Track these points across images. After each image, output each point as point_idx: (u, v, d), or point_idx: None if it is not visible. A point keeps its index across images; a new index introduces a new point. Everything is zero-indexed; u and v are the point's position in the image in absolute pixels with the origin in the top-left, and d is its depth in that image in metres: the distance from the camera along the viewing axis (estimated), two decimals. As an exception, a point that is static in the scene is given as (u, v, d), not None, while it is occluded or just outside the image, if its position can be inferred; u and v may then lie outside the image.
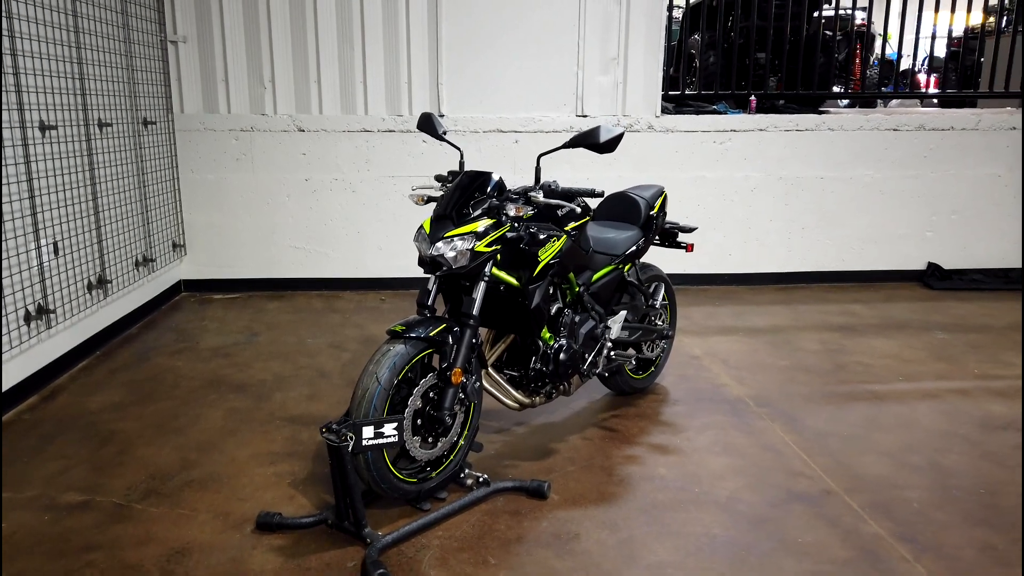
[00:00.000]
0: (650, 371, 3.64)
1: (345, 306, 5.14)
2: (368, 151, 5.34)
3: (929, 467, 2.90)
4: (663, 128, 5.46)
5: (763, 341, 4.42)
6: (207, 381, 3.77)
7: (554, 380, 2.89)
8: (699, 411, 3.42)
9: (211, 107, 5.24)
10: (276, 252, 5.44)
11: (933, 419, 3.35)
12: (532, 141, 5.36)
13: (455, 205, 2.54)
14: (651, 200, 3.41)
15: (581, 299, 3.01)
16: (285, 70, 5.22)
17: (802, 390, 3.68)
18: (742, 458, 2.98)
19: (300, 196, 5.38)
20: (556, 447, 3.05)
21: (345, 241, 5.46)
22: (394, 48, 5.22)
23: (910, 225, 5.76)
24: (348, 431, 2.26)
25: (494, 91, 5.32)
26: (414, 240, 2.60)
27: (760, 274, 5.75)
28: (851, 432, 3.21)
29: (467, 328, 2.53)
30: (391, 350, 2.39)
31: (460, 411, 2.59)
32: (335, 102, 5.28)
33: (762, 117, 5.55)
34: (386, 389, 2.34)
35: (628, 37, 5.33)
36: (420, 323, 2.47)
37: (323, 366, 3.98)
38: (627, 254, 3.24)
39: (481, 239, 2.50)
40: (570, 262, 2.86)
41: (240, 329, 4.62)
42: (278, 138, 5.29)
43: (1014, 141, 5.66)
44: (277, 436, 3.15)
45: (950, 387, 3.72)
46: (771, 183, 5.60)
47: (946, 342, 4.40)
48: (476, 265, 2.51)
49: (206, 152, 5.28)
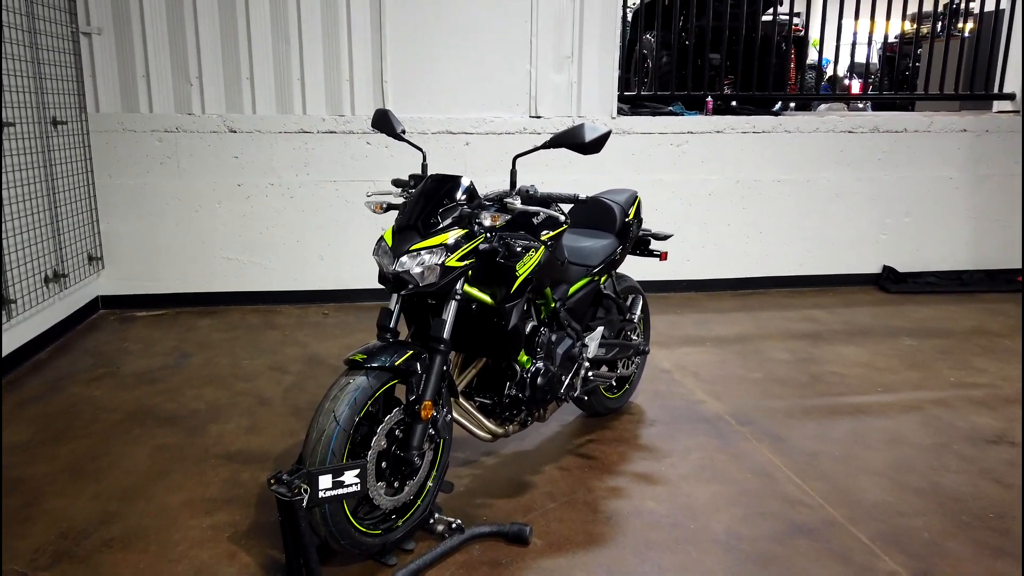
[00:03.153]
0: (624, 389, 3.38)
1: (285, 322, 4.74)
2: (307, 154, 4.94)
3: (930, 489, 2.72)
4: (619, 130, 5.24)
5: (732, 351, 4.23)
6: (130, 413, 3.33)
7: (530, 407, 2.60)
8: (679, 432, 3.18)
9: (131, 106, 4.76)
10: (207, 264, 4.99)
11: (920, 433, 3.19)
12: (484, 143, 5.07)
13: (421, 213, 2.22)
14: (626, 205, 3.15)
15: (557, 316, 2.73)
16: (214, 65, 4.78)
17: (781, 404, 3.49)
18: (733, 485, 2.74)
19: (233, 202, 4.94)
20: (532, 480, 2.76)
21: (283, 251, 5.04)
22: (334, 42, 4.85)
23: (865, 228, 5.70)
24: (302, 482, 1.92)
25: (443, 90, 5.00)
26: (374, 255, 2.27)
27: (719, 280, 5.60)
28: (841, 451, 3.02)
29: (437, 354, 2.21)
30: (350, 383, 2.06)
31: (429, 448, 2.27)
32: (270, 101, 4.87)
33: (719, 119, 5.40)
34: (346, 430, 2.00)
35: (583, 34, 5.09)
36: (383, 350, 2.14)
37: (263, 391, 3.59)
38: (604, 264, 2.97)
39: (452, 252, 2.19)
40: (547, 275, 2.58)
41: (168, 350, 4.17)
42: (207, 140, 4.84)
43: (964, 144, 5.66)
44: (214, 478, 2.76)
45: (929, 398, 3.59)
46: (729, 186, 5.45)
47: (915, 349, 4.30)
48: (447, 282, 2.20)
49: (126, 155, 4.80)
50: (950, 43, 6.31)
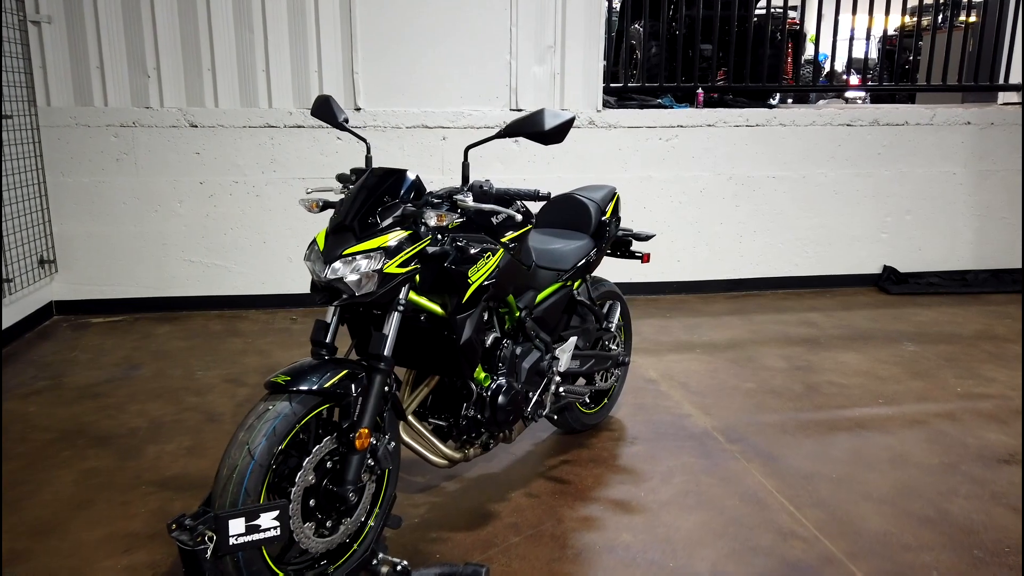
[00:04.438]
0: (603, 403, 3.11)
1: (249, 328, 4.45)
2: (273, 149, 4.66)
3: (938, 518, 2.45)
4: (605, 124, 4.96)
5: (723, 359, 3.95)
6: (64, 432, 3.05)
7: (491, 429, 2.32)
8: (662, 451, 2.90)
9: (84, 99, 4.47)
10: (167, 267, 4.70)
11: (925, 452, 2.92)
12: (462, 138, 4.78)
13: (358, 212, 1.94)
14: (602, 203, 2.87)
15: (523, 326, 2.45)
16: (173, 56, 4.50)
17: (775, 419, 3.22)
18: (720, 513, 2.47)
19: (194, 202, 4.66)
20: (496, 509, 2.48)
21: (249, 253, 4.76)
22: (301, 31, 4.56)
23: (864, 226, 5.42)
24: (206, 528, 1.64)
25: (418, 82, 4.72)
26: (305, 260, 1.99)
27: (711, 281, 5.32)
28: (839, 472, 2.74)
29: (376, 373, 1.93)
30: (269, 411, 1.77)
31: (370, 481, 1.99)
32: (233, 93, 4.58)
33: (710, 112, 5.12)
34: (262, 465, 1.72)
35: (566, 23, 4.81)
36: (311, 370, 1.86)
37: (213, 407, 3.31)
38: (577, 268, 2.69)
39: (393, 257, 1.91)
40: (508, 282, 2.30)
41: (118, 361, 3.89)
42: (166, 135, 4.56)
43: (969, 137, 5.39)
44: (141, 508, 2.48)
45: (935, 410, 3.31)
46: (721, 183, 5.17)
47: (917, 355, 4.02)
48: (387, 291, 1.92)
49: (79, 152, 4.51)
50: (952, 34, 6.03)
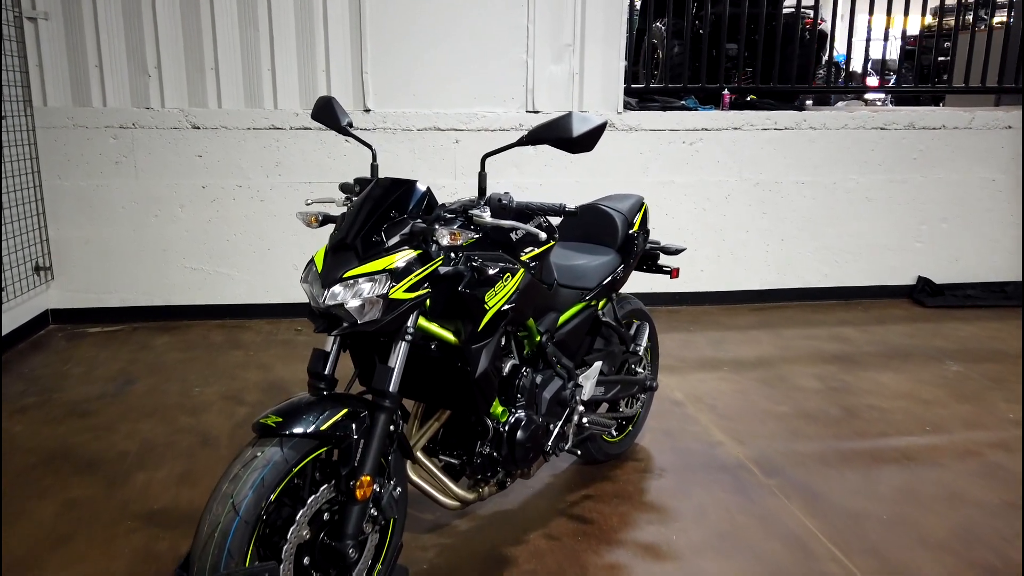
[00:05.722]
0: (627, 431, 2.87)
1: (251, 339, 4.25)
2: (279, 152, 4.45)
3: (1005, 569, 2.20)
4: (626, 126, 4.72)
5: (753, 379, 3.71)
6: (48, 455, 2.85)
7: (509, 467, 2.09)
8: (692, 485, 2.67)
9: (82, 99, 4.28)
10: (168, 274, 4.51)
11: (983, 488, 2.66)
12: (475, 141, 4.56)
13: (361, 229, 1.72)
14: (629, 214, 2.64)
15: (544, 351, 2.22)
16: (175, 54, 4.30)
17: (813, 448, 2.97)
18: (759, 562, 2.23)
19: (196, 206, 4.46)
20: (512, 553, 2.25)
21: (252, 260, 4.55)
22: (308, 28, 4.35)
23: (897, 235, 5.16)
24: (182, 597, 1.43)
25: (430, 82, 4.50)
26: (301, 282, 1.77)
27: (736, 292, 5.07)
28: (889, 512, 2.50)
29: (381, 411, 1.71)
30: (257, 458, 1.55)
31: (374, 531, 1.77)
32: (237, 93, 4.38)
33: (736, 114, 4.87)
34: (248, 522, 1.50)
35: (585, 20, 4.58)
36: (306, 409, 1.64)
37: (209, 428, 3.10)
38: (602, 286, 2.46)
39: (400, 280, 1.69)
40: (529, 304, 2.07)
41: (113, 374, 3.69)
42: (167, 137, 4.36)
43: (1010, 141, 5.11)
44: (124, 546, 2.27)
45: (987, 439, 3.06)
46: (747, 188, 4.92)
47: (962, 376, 3.76)
48: (394, 319, 1.70)
49: (77, 154, 4.32)
50: (976, 35, 5.76)
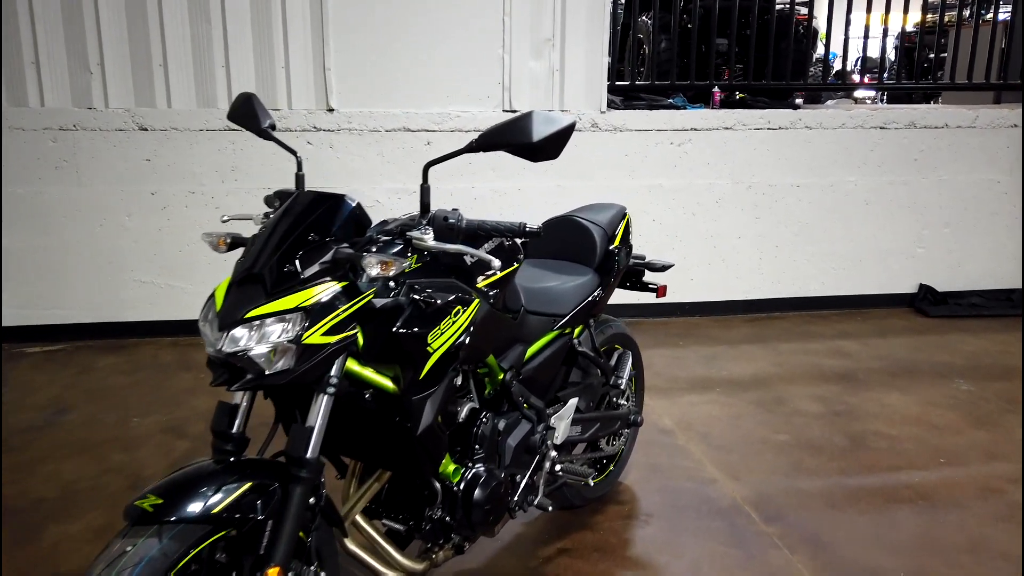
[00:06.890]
0: (609, 471, 2.56)
1: (203, 359, 3.87)
2: (235, 156, 4.11)
3: (1046, 641, 1.90)
4: (610, 126, 4.41)
5: (748, 401, 3.40)
6: (-47, 503, 2.51)
7: (465, 532, 1.77)
8: (683, 534, 2.35)
9: (17, 99, 3.93)
10: (115, 289, 4.16)
11: (1010, 535, 2.36)
12: (448, 142, 4.23)
13: (271, 256, 1.39)
14: (609, 228, 2.32)
15: (508, 391, 1.89)
16: (119, 50, 3.95)
17: (817, 486, 2.66)
18: (762, 632, 1.92)
19: (145, 214, 4.11)
20: (473, 627, 1.93)
21: (207, 272, 4.20)
22: (265, 21, 4.02)
23: (898, 240, 4.87)
24: None
25: (399, 79, 4.17)
26: (200, 322, 1.45)
27: (727, 302, 4.76)
28: (908, 567, 2.19)
29: (296, 484, 1.38)
30: (127, 554, 1.22)
31: (292, 625, 1.44)
32: (188, 92, 4.04)
33: (727, 113, 4.56)
34: (113, 641, 1.17)
35: (566, 13, 4.26)
36: (196, 484, 1.31)
37: (143, 467, 2.76)
38: (578, 311, 2.14)
39: (318, 321, 1.36)
40: (487, 340, 1.74)
41: (46, 402, 3.35)
42: (112, 139, 4.01)
43: (1015, 141, 4.83)
44: (17, 624, 1.94)
45: (1009, 473, 2.76)
46: (739, 192, 4.62)
47: (974, 396, 3.47)
48: (311, 367, 1.37)
49: (13, 158, 3.96)
50: (970, 30, 5.47)
